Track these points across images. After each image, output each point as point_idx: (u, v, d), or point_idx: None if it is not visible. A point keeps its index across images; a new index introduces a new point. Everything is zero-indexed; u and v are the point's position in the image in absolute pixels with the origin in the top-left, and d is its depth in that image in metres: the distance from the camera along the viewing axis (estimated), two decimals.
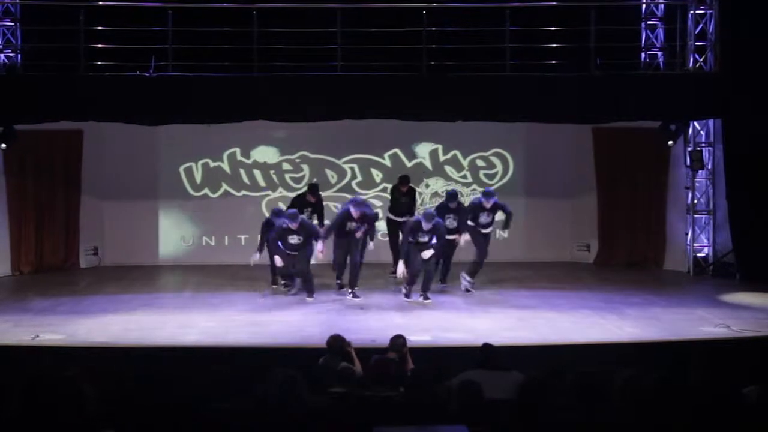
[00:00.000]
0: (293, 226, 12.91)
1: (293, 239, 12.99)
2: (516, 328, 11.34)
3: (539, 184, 16.95)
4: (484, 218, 13.69)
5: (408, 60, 13.99)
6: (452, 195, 14.14)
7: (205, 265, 16.16)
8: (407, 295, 13.16)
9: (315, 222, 14.07)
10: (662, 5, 15.66)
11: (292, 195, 16.68)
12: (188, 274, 15.55)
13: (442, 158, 16.96)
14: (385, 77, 13.95)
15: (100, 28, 14.01)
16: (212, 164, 16.77)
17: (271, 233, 13.28)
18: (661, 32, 15.69)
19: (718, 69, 14.46)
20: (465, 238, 13.65)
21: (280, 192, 16.77)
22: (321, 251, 13.16)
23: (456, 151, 16.96)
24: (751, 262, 14.43)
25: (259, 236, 13.87)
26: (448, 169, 16.97)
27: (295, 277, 13.58)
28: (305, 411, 5.98)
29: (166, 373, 6.84)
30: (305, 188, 15.26)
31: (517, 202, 16.95)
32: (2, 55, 14.88)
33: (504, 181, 17.01)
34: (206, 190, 16.80)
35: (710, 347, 10.31)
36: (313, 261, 13.44)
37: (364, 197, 14.71)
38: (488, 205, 13.66)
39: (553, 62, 14.31)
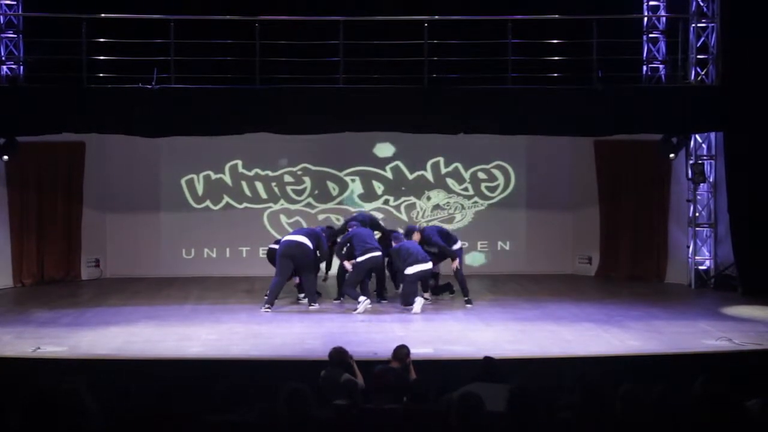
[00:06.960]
0: None
1: None
2: (517, 340, 11.30)
3: (541, 197, 16.96)
4: None
5: (410, 73, 14.00)
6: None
7: (206, 277, 16.16)
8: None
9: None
10: (664, 18, 15.69)
11: (294, 207, 16.71)
12: (190, 286, 15.53)
13: (443, 170, 16.97)
14: (387, 90, 13.94)
15: (102, 40, 14.04)
16: (214, 176, 16.78)
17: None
18: (662, 45, 15.72)
19: (719, 82, 14.47)
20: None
21: (282, 204, 16.78)
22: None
23: (458, 164, 16.97)
24: (752, 275, 14.39)
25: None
26: (450, 181, 16.98)
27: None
28: (312, 424, 5.98)
29: (168, 385, 6.82)
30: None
31: (518, 214, 17.02)
32: (5, 66, 14.91)
33: (506, 193, 17.03)
34: (208, 202, 16.80)
35: (712, 360, 10.28)
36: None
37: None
38: None
39: (555, 75, 14.33)
